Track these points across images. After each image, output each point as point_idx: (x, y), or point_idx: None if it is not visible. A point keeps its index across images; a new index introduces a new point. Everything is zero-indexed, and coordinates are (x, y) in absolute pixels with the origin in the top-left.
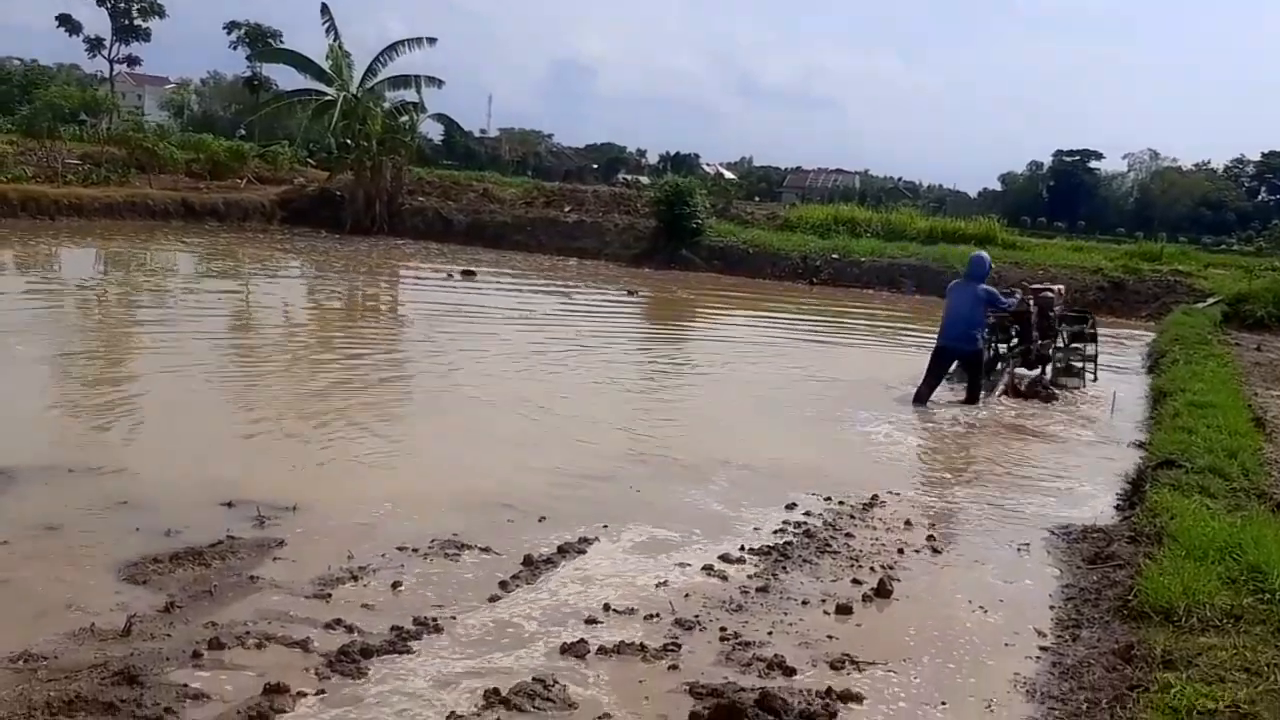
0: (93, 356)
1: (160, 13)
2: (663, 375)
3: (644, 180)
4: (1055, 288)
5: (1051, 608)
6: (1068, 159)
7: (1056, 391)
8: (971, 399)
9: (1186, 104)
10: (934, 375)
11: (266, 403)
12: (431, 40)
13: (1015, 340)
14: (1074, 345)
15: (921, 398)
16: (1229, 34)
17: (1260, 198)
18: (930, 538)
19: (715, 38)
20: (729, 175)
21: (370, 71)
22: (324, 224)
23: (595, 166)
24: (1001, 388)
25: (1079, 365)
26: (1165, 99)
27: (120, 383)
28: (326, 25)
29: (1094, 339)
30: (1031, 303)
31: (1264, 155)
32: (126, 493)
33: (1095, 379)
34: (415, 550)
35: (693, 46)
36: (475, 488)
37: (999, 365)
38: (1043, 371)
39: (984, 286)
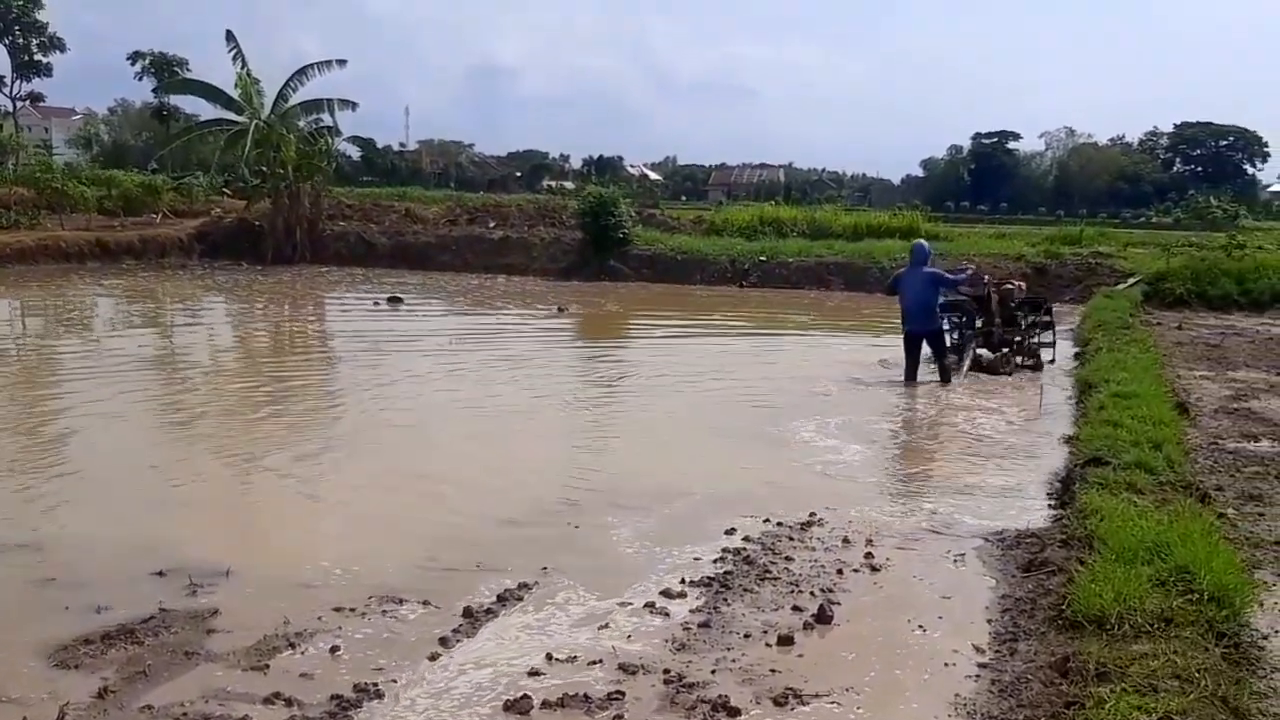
0: (11, 418)
1: (61, 47)
2: (595, 397)
3: (569, 186)
4: (1017, 283)
5: (989, 621)
6: (986, 141)
7: (1012, 370)
8: (944, 379)
9: (1099, 78)
10: (912, 359)
11: (195, 456)
12: (342, 62)
13: (979, 324)
14: (1030, 330)
15: (910, 378)
16: (1138, 7)
17: (1175, 169)
18: (868, 555)
19: (630, 36)
20: (654, 176)
21: (281, 97)
22: (244, 255)
23: (519, 174)
24: (966, 367)
25: (1037, 346)
26: (1078, 74)
27: (43, 445)
28: (233, 53)
29: (1050, 325)
30: (994, 292)
31: (1176, 126)
32: (55, 568)
33: (1054, 361)
34: (353, 610)
35: (608, 46)
36: (410, 534)
37: (964, 348)
38: (1007, 351)
39: (927, 269)
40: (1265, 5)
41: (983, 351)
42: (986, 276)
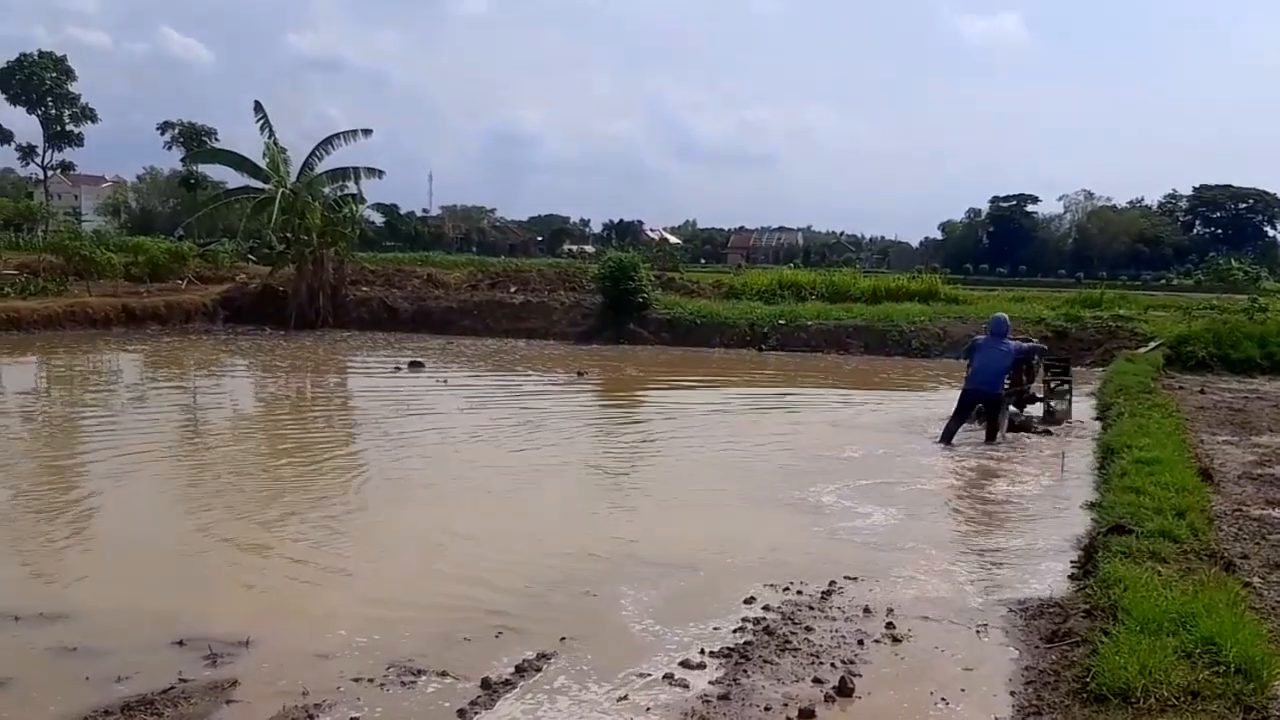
0: (36, 484)
1: (92, 117)
2: (613, 462)
3: (589, 250)
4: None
5: (1013, 694)
6: (1004, 204)
7: (1043, 428)
8: (990, 438)
9: (1117, 142)
10: (960, 416)
11: (214, 522)
12: (367, 131)
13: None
14: (1057, 389)
15: (949, 436)
16: (1153, 72)
17: (1195, 231)
18: (889, 625)
19: (649, 102)
20: (673, 239)
21: (307, 165)
22: (268, 320)
23: (540, 239)
24: (1004, 426)
25: (1063, 406)
26: (1095, 138)
27: (66, 510)
28: (260, 123)
29: (1069, 382)
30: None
31: (1195, 189)
32: (76, 638)
33: (1071, 416)
34: (371, 680)
35: (628, 112)
36: (429, 601)
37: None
38: (1044, 409)
39: (1012, 343)
40: None
41: (1013, 409)
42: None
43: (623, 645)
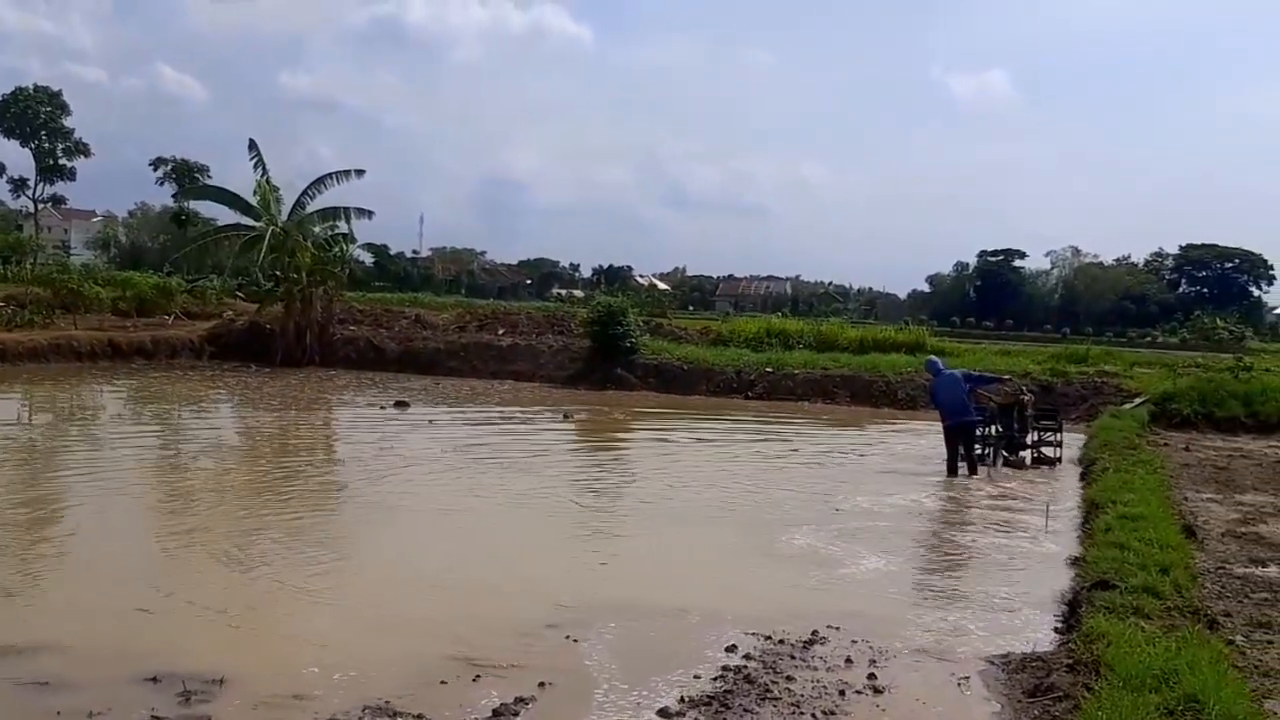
0: (12, 515)
1: (85, 152)
2: (598, 506)
3: (578, 294)
4: (1027, 397)
5: None
6: (992, 259)
7: (1029, 469)
8: (973, 470)
9: (1103, 199)
10: (953, 450)
11: (192, 558)
12: (360, 172)
13: (997, 429)
14: (1045, 437)
15: (952, 469)
16: (1138, 131)
17: (1181, 289)
18: (871, 675)
19: (641, 150)
20: (662, 286)
21: (299, 204)
22: (254, 357)
23: (529, 282)
24: (1000, 463)
25: (1051, 451)
26: (1082, 195)
27: (41, 541)
28: (254, 161)
29: (1059, 430)
30: (1026, 398)
31: (1182, 248)
32: (48, 671)
33: (1060, 461)
34: None
35: (620, 159)
36: (405, 642)
37: (993, 448)
38: (1029, 453)
39: (951, 371)
40: (1270, 129)
41: (1004, 454)
42: (1026, 394)
43: (600, 691)
